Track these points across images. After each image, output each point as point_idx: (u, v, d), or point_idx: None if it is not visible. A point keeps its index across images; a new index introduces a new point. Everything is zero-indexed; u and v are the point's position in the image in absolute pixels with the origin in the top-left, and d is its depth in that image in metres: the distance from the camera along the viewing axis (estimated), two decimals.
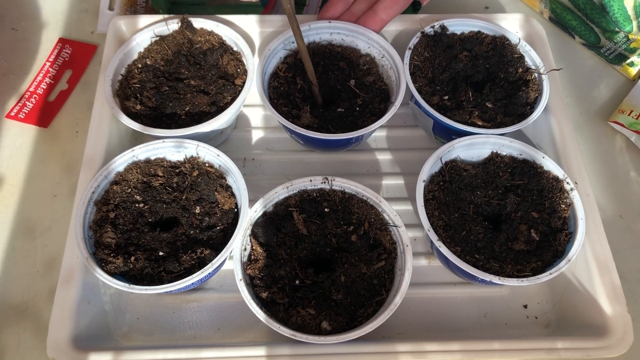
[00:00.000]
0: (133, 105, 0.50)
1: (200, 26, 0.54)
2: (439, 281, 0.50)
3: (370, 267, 0.44)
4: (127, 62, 0.53)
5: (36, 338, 0.47)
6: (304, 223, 0.46)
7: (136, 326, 0.47)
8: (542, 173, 0.48)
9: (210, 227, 0.46)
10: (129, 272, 0.43)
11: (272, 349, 0.42)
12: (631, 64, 0.61)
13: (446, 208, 0.46)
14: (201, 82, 0.52)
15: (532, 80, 0.52)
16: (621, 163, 0.57)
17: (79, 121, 0.58)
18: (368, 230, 0.46)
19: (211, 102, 0.51)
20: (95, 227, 0.45)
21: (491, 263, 0.44)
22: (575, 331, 0.45)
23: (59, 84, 0.60)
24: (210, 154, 0.48)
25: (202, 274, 0.42)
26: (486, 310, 0.49)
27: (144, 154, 0.48)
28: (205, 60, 0.53)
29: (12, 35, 0.63)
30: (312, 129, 0.49)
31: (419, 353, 0.42)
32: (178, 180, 0.48)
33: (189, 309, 0.48)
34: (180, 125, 0.49)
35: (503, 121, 0.50)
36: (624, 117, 0.58)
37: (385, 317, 0.41)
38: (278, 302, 0.43)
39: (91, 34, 0.64)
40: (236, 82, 0.52)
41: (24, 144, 0.56)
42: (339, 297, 0.43)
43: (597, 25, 0.60)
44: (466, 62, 0.53)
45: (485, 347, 0.43)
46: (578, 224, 0.45)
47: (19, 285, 0.49)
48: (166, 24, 0.54)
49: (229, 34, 0.54)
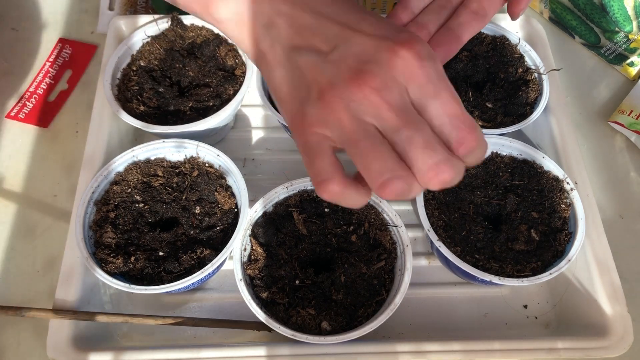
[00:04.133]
0: (136, 107, 0.50)
1: (190, 22, 0.54)
2: (439, 281, 0.50)
3: (370, 267, 0.44)
4: (122, 66, 0.53)
5: (36, 338, 0.47)
6: (304, 223, 0.46)
7: (136, 326, 0.47)
8: (542, 173, 0.48)
9: (210, 227, 0.46)
10: (129, 272, 0.43)
11: (272, 349, 0.42)
12: (631, 64, 0.61)
13: (446, 208, 0.46)
14: (199, 73, 0.52)
15: (532, 80, 0.53)
16: (621, 163, 0.57)
17: (79, 121, 0.58)
18: (368, 230, 0.46)
19: (214, 95, 0.51)
20: (95, 227, 0.45)
21: (491, 263, 0.44)
22: (575, 331, 0.45)
23: (59, 84, 0.60)
24: (210, 154, 0.48)
25: (202, 274, 0.42)
26: (486, 310, 0.49)
27: (144, 154, 0.48)
28: (201, 52, 0.53)
29: (12, 35, 0.63)
30: None
31: (419, 353, 0.42)
32: (178, 181, 0.48)
33: (189, 309, 0.48)
34: (187, 121, 0.49)
35: (503, 121, 0.50)
36: (624, 117, 0.58)
37: (385, 317, 0.41)
38: (278, 302, 0.43)
39: (91, 34, 0.64)
40: (236, 73, 0.53)
41: (24, 144, 0.56)
42: (339, 297, 0.43)
43: (597, 25, 0.60)
44: (466, 62, 0.53)
45: (485, 347, 0.43)
46: (578, 224, 0.45)
47: (19, 285, 0.49)
48: (156, 23, 0.54)
49: None
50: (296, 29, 0.31)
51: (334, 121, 0.29)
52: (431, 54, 0.29)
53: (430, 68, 0.29)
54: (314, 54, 0.30)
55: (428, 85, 0.29)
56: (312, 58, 0.30)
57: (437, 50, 0.41)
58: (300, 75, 0.31)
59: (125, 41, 0.53)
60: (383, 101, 0.28)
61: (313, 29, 0.31)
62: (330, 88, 0.29)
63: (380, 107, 0.28)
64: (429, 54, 0.29)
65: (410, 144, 0.28)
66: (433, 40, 0.42)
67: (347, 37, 0.30)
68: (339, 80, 0.29)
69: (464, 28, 0.40)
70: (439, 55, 0.39)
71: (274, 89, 0.33)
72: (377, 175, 0.28)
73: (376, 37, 0.30)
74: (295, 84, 0.31)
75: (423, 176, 0.28)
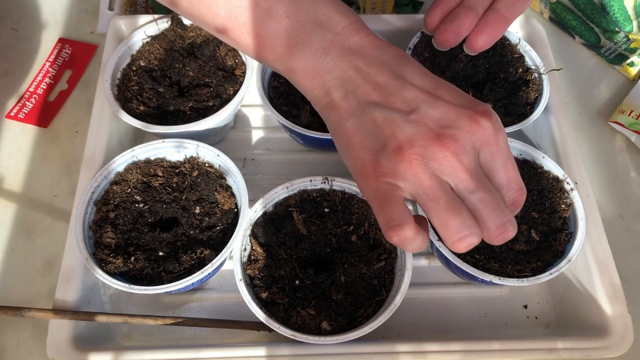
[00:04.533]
0: (136, 107, 0.50)
1: (190, 22, 0.54)
2: (439, 281, 0.50)
3: (370, 267, 0.44)
4: (122, 66, 0.53)
5: (36, 338, 0.47)
6: (304, 223, 0.46)
7: (136, 326, 0.47)
8: (542, 173, 0.48)
9: (210, 227, 0.46)
10: (129, 272, 0.43)
11: (272, 349, 0.42)
12: (631, 64, 0.61)
13: None
14: (199, 73, 0.52)
15: (532, 80, 0.52)
16: (621, 163, 0.57)
17: (79, 121, 0.58)
18: (368, 230, 0.46)
19: (214, 95, 0.51)
20: (95, 227, 0.45)
21: (491, 263, 0.44)
22: (576, 331, 0.45)
23: (59, 84, 0.60)
24: (210, 154, 0.48)
25: (202, 274, 0.42)
26: (486, 311, 0.49)
27: (143, 154, 0.48)
28: (201, 52, 0.53)
29: (12, 35, 0.63)
30: (312, 128, 0.49)
31: (419, 353, 0.42)
32: (178, 181, 0.48)
33: (189, 309, 0.48)
34: (187, 121, 0.49)
35: (503, 121, 0.50)
36: (624, 117, 0.58)
37: (385, 317, 0.41)
38: (278, 302, 0.43)
39: (91, 34, 0.64)
40: (236, 73, 0.52)
41: (24, 144, 0.56)
42: (339, 297, 0.43)
43: (597, 25, 0.60)
44: (466, 62, 0.53)
45: (485, 347, 0.43)
46: (578, 224, 0.45)
47: (19, 285, 0.49)
48: (156, 23, 0.54)
49: None
50: (374, 86, 0.34)
51: (412, 176, 0.32)
52: (502, 125, 0.34)
53: (503, 138, 0.33)
54: (394, 112, 0.33)
55: (500, 153, 0.33)
56: (391, 115, 0.33)
57: (487, 30, 0.45)
58: (376, 128, 0.33)
59: (125, 41, 0.53)
60: (461, 164, 0.32)
61: (391, 88, 0.34)
62: (410, 145, 0.32)
63: (458, 169, 0.32)
64: (501, 125, 0.33)
65: (484, 205, 0.32)
66: (482, 21, 0.45)
67: (427, 100, 0.33)
68: (420, 139, 0.32)
69: (510, 10, 0.44)
70: (490, 35, 0.45)
71: (344, 136, 0.34)
72: (455, 231, 0.31)
73: (456, 105, 0.33)
74: (369, 135, 0.33)
75: (490, 233, 0.32)
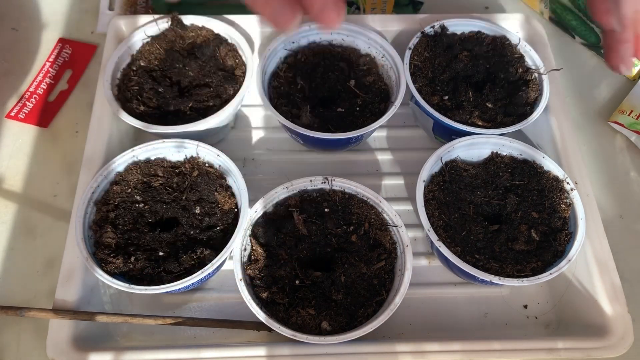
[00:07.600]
0: (136, 107, 0.50)
1: (190, 22, 0.54)
2: (439, 281, 0.50)
3: (370, 267, 0.44)
4: (122, 66, 0.53)
5: (36, 338, 0.47)
6: (304, 223, 0.46)
7: (136, 326, 0.47)
8: (542, 173, 0.48)
9: (210, 227, 0.46)
10: (129, 272, 0.43)
11: (272, 349, 0.42)
12: None
13: (446, 208, 0.46)
14: (199, 73, 0.52)
15: (532, 80, 0.52)
16: (621, 163, 0.57)
17: (79, 121, 0.58)
18: (368, 230, 0.46)
19: (214, 95, 0.51)
20: (95, 227, 0.45)
21: (491, 263, 0.44)
22: (576, 331, 0.45)
23: (59, 84, 0.60)
24: (210, 154, 0.48)
25: (202, 274, 0.42)
26: (486, 311, 0.49)
27: (144, 154, 0.48)
28: (201, 52, 0.53)
29: (12, 35, 0.63)
30: (312, 128, 0.49)
31: (419, 353, 0.42)
32: (178, 181, 0.48)
33: (189, 309, 0.48)
34: (187, 122, 0.49)
35: (503, 121, 0.50)
36: (624, 117, 0.58)
37: (385, 317, 0.41)
38: (278, 302, 0.43)
39: (91, 34, 0.64)
40: (236, 73, 0.52)
41: (24, 144, 0.56)
42: (339, 297, 0.43)
43: (597, 25, 0.60)
44: (466, 62, 0.53)
45: (485, 347, 0.43)
46: (578, 224, 0.45)
47: (19, 285, 0.49)
48: (156, 23, 0.54)
49: (221, 28, 0.54)
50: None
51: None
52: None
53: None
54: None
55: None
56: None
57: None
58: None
59: (125, 41, 0.53)
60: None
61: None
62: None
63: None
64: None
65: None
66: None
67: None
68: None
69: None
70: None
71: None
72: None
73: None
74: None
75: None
